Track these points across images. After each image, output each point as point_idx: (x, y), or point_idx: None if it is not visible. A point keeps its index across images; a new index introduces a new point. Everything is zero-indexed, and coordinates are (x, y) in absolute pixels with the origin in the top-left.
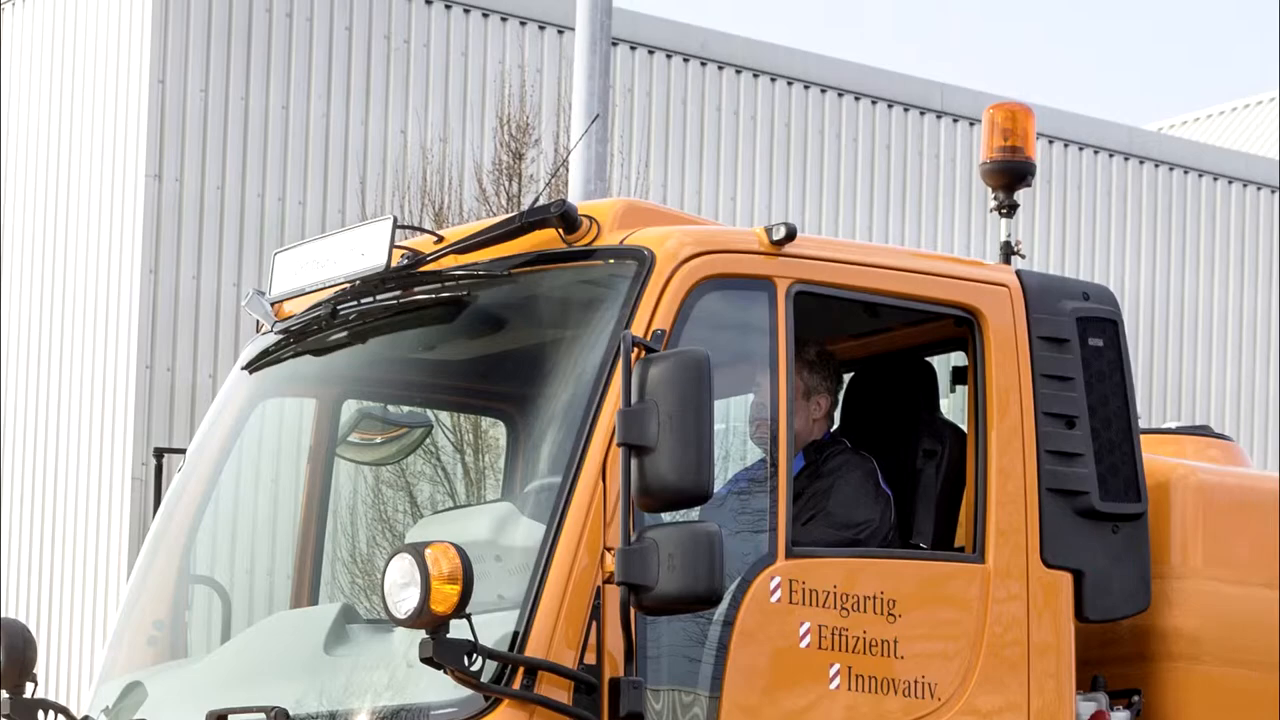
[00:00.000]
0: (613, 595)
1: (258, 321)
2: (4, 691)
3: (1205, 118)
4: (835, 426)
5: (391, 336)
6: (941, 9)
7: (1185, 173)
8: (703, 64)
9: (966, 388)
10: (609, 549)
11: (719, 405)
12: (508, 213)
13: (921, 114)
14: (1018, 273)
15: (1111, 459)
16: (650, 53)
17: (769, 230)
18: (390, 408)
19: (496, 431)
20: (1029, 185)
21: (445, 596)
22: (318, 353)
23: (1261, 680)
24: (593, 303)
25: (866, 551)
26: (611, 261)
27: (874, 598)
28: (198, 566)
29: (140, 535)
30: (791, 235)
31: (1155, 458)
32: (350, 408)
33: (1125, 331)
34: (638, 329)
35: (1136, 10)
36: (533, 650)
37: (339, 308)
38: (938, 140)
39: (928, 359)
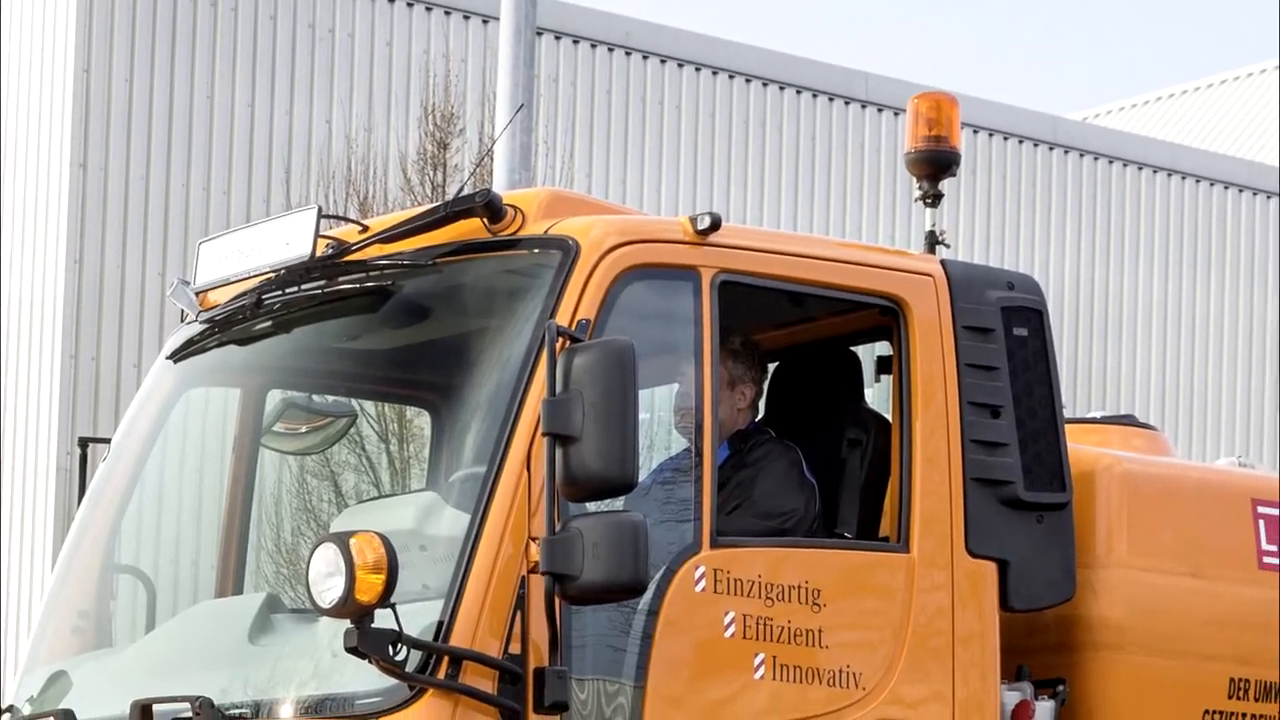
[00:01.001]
0: (537, 585)
1: (182, 311)
2: None
3: (1129, 107)
4: (760, 416)
5: (316, 326)
6: None
7: (1110, 162)
8: (628, 54)
9: (891, 377)
10: (533, 539)
11: (644, 395)
12: (432, 202)
13: (846, 104)
14: (942, 262)
15: (1036, 448)
16: (575, 42)
17: (694, 220)
18: (315, 397)
19: (421, 421)
20: (954, 175)
21: (370, 586)
22: (242, 342)
23: (1185, 669)
24: (517, 292)
25: (791, 541)
26: (536, 251)
27: (798, 587)
28: (122, 556)
29: (65, 525)
30: (716, 225)
31: (1080, 447)
32: (275, 397)
33: (1050, 321)
34: (562, 318)
35: (1061, 0)
36: (457, 640)
37: (264, 297)
38: (862, 130)
39: (852, 348)
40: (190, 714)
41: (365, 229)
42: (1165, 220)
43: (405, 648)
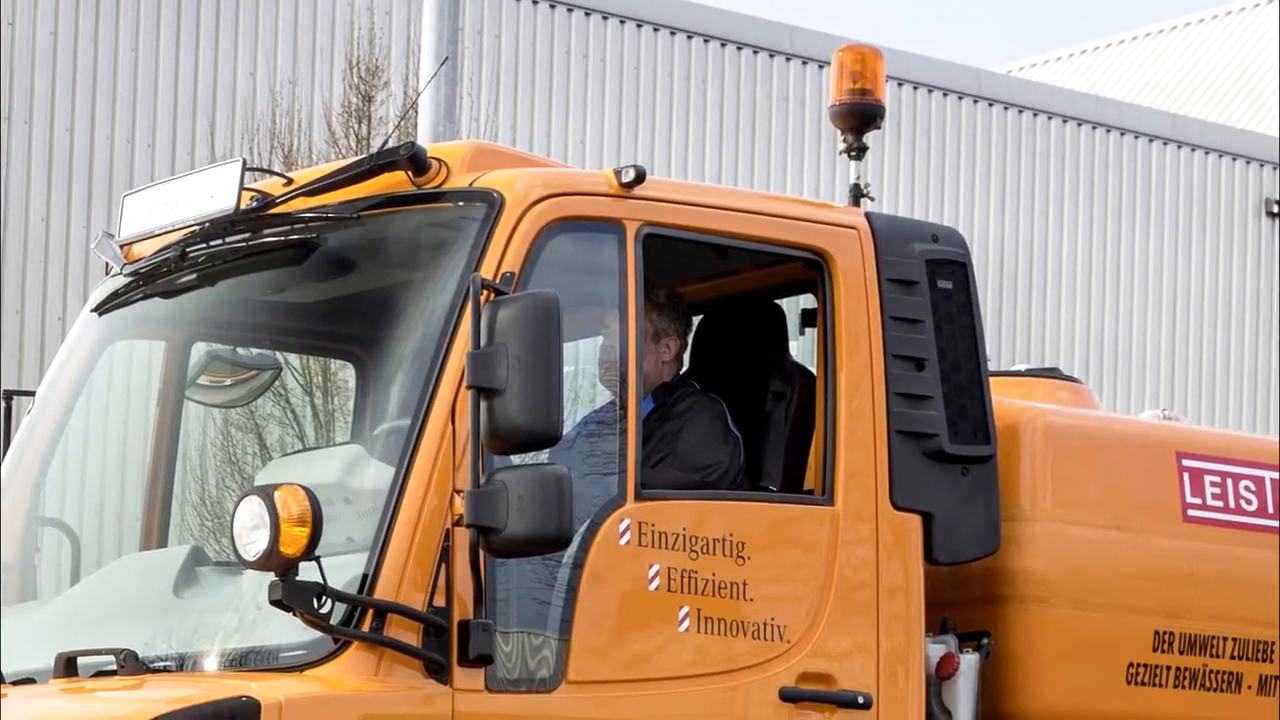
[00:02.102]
0: (462, 538)
1: (107, 264)
2: None
3: (1054, 60)
4: (684, 369)
5: (241, 279)
6: None
7: (1034, 115)
8: (551, 6)
9: (816, 330)
10: (458, 491)
11: (568, 347)
12: (357, 155)
13: (771, 56)
14: (867, 215)
15: (961, 401)
16: None
17: (618, 173)
18: (239, 350)
19: (346, 374)
20: (878, 128)
21: (294, 539)
22: (167, 295)
23: (1110, 622)
24: (442, 245)
25: (715, 494)
26: (460, 204)
27: (723, 540)
28: (47, 509)
29: None
30: (640, 178)
31: (1004, 400)
32: (200, 350)
33: (974, 274)
34: (487, 271)
35: None
36: (382, 593)
37: (188, 250)
38: (787, 83)
39: (777, 301)
40: (115, 666)
41: (290, 182)
42: (1090, 173)
43: (330, 600)
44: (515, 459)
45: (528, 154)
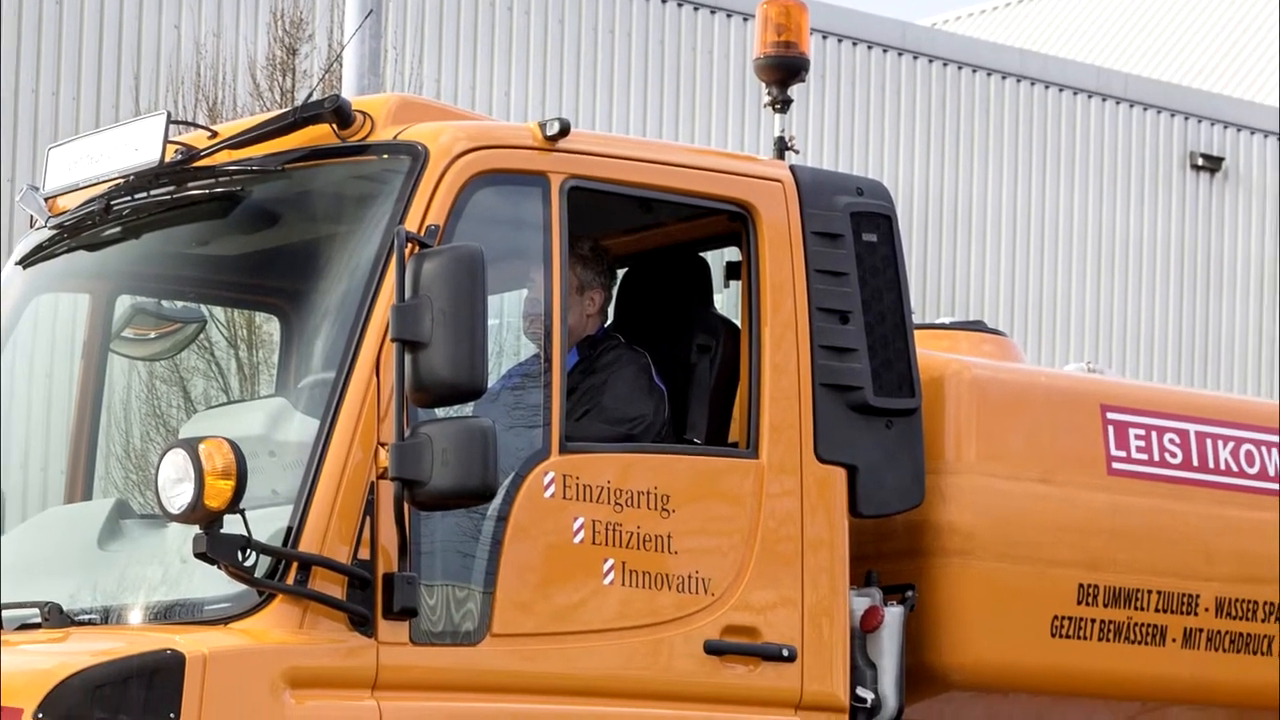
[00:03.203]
0: (386, 491)
1: (31, 217)
2: None
3: (979, 14)
4: (609, 322)
5: (165, 232)
6: None
7: (959, 68)
8: None
9: (740, 283)
10: (382, 444)
11: (493, 300)
12: (282, 108)
13: (695, 9)
14: (791, 168)
15: (885, 354)
16: None
17: (543, 125)
18: (164, 303)
19: (270, 327)
20: (803, 80)
21: (219, 492)
22: (91, 248)
23: (1034, 575)
24: (366, 198)
25: (640, 447)
26: (385, 157)
27: (647, 493)
28: None
29: None
30: (565, 130)
31: (929, 353)
32: (124, 303)
33: (899, 227)
34: (411, 224)
35: None
36: (306, 545)
37: (113, 203)
38: (711, 35)
39: (702, 254)
40: (39, 619)
41: (214, 135)
42: (1014, 126)
43: (254, 553)
44: (440, 412)
45: (452, 107)
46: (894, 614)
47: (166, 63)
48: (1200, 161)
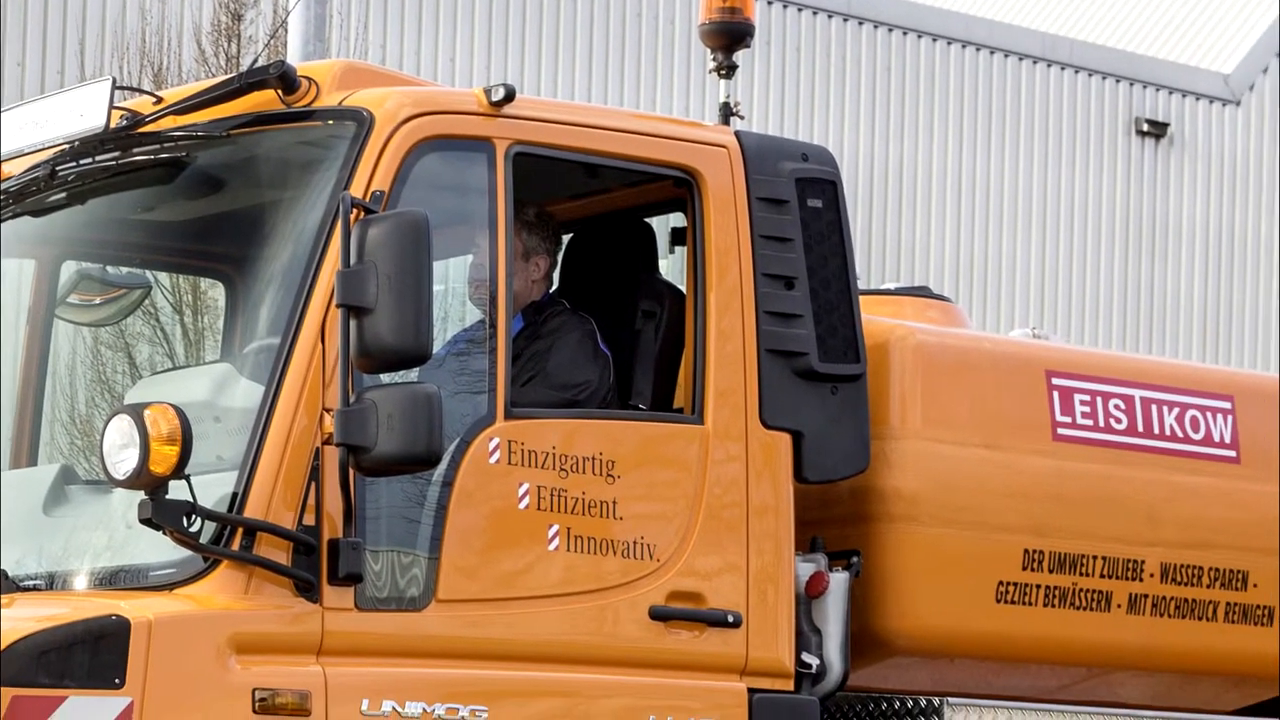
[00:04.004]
0: (331, 456)
1: None
2: None
3: None
4: (554, 288)
5: (111, 197)
6: None
7: (904, 34)
8: None
9: (686, 249)
10: (328, 410)
11: (438, 266)
12: (227, 74)
13: None
14: (737, 134)
15: (830, 320)
16: None
17: (488, 91)
18: (109, 269)
19: (216, 293)
20: (748, 46)
21: (164, 457)
22: (36, 214)
23: (980, 541)
24: (311, 164)
25: (585, 412)
26: (330, 123)
27: (593, 459)
28: None
29: None
30: (510, 96)
31: (874, 319)
32: (70, 269)
33: (844, 192)
34: (356, 190)
35: None
36: (251, 511)
37: (58, 169)
38: (656, 1)
39: (647, 220)
40: None
41: (160, 100)
42: (960, 92)
43: (199, 519)
44: (385, 377)
45: (398, 73)
46: (839, 580)
47: (112, 28)
48: (1146, 127)
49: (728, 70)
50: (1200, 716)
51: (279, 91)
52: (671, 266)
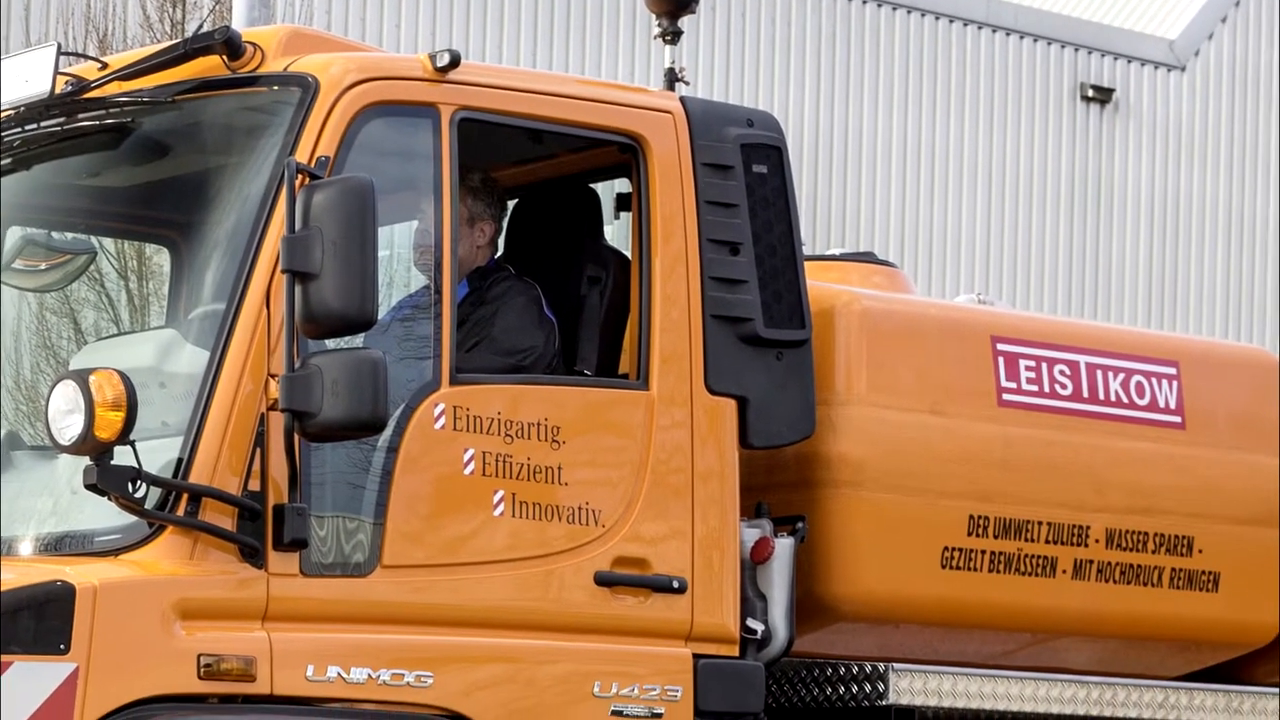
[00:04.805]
0: (277, 422)
1: None
2: None
3: None
4: (499, 253)
5: (56, 163)
6: None
7: (849, 0)
8: None
9: (631, 214)
10: (273, 376)
11: (384, 232)
12: (172, 40)
13: None
14: (681, 100)
15: (776, 286)
16: None
17: (433, 57)
18: (55, 234)
19: (161, 258)
20: (693, 12)
21: (109, 423)
22: None
23: (925, 506)
24: (256, 129)
25: (530, 378)
26: (275, 88)
27: (538, 425)
28: None
29: None
30: (455, 62)
31: (820, 285)
32: (15, 234)
33: (789, 158)
34: (301, 156)
35: None
36: (196, 477)
37: (2, 134)
38: None
39: (592, 185)
40: None
41: (105, 66)
42: (904, 57)
43: (145, 485)
44: (330, 343)
45: (343, 39)
46: (784, 545)
47: None
48: (1090, 93)
49: (673, 36)
50: (1145, 682)
51: (224, 57)
52: (616, 232)
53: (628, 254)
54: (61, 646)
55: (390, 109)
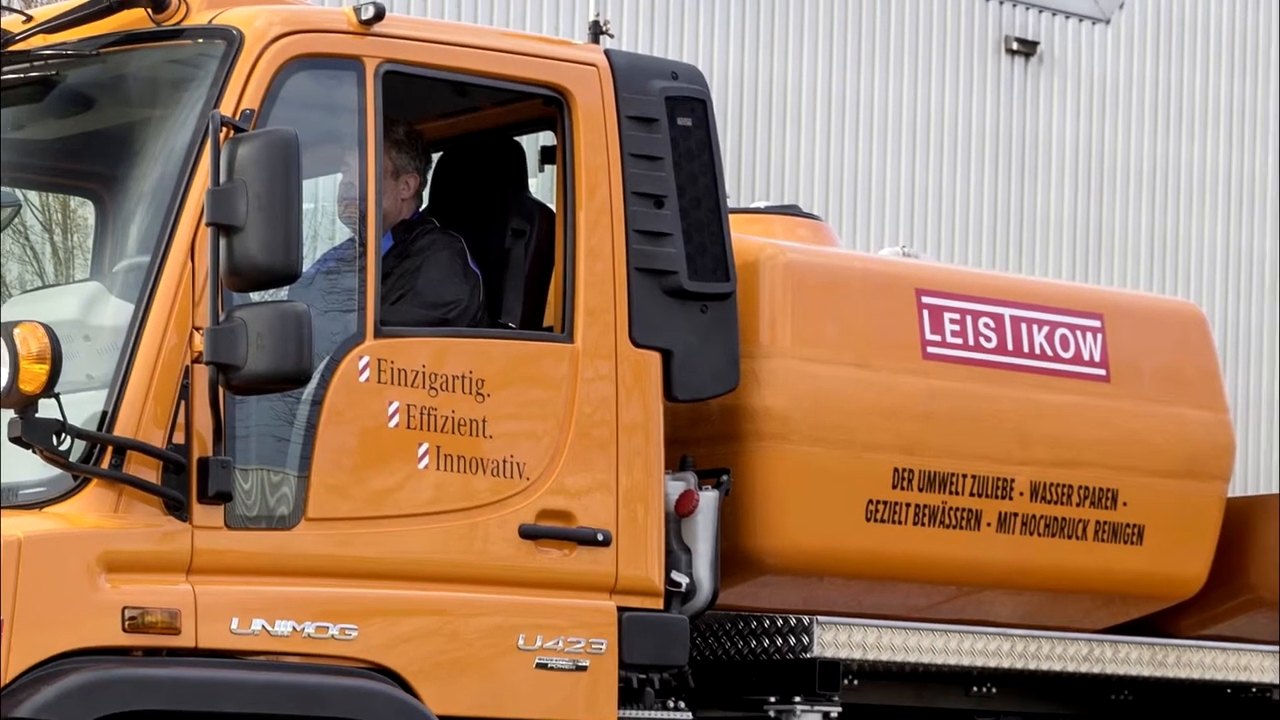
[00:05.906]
0: (201, 375)
1: None
2: None
3: None
4: (424, 206)
5: None
6: None
7: None
8: None
9: (555, 167)
10: (197, 329)
11: (308, 185)
12: None
13: None
14: (606, 52)
15: (700, 238)
16: None
17: (358, 10)
18: None
19: (85, 211)
20: None
21: (34, 376)
22: None
23: (850, 459)
24: (181, 82)
25: (455, 331)
26: (200, 41)
27: (462, 377)
28: None
29: None
30: (380, 15)
31: (744, 237)
32: None
33: (714, 111)
34: (226, 109)
35: None
36: (121, 430)
37: None
38: None
39: (516, 138)
40: None
41: (29, 19)
42: (829, 8)
43: (69, 437)
44: (255, 296)
45: None
46: (709, 498)
47: None
48: (1015, 45)
49: None
50: (1071, 635)
51: (149, 10)
52: (541, 185)
53: (552, 207)
54: None
55: (315, 62)
